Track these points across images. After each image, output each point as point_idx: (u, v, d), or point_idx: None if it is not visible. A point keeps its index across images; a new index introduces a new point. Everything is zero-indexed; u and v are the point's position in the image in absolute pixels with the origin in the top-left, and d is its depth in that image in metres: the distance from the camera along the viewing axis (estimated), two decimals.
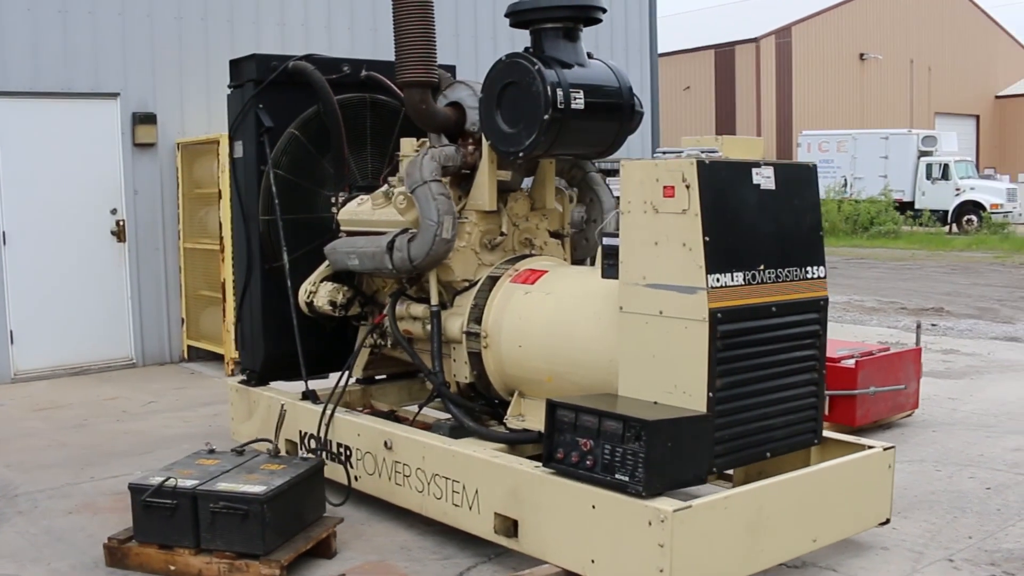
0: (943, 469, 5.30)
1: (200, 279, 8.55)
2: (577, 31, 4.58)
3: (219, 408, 6.89)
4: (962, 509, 4.67)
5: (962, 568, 3.99)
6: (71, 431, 6.37)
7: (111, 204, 8.39)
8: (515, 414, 4.56)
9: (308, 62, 5.42)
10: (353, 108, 5.55)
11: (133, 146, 8.40)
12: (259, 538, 3.85)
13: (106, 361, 8.37)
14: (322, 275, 5.30)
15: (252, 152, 5.42)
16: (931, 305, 11.82)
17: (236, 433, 5.62)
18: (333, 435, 4.83)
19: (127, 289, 8.46)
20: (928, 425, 6.21)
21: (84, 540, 4.41)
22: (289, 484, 4.01)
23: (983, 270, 16.23)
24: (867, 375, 5.86)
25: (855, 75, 38.27)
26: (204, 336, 8.57)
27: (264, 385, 5.53)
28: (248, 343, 5.59)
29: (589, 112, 4.46)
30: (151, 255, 8.55)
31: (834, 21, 37.58)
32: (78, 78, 8.18)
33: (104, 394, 7.44)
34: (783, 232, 3.89)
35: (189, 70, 8.67)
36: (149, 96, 8.48)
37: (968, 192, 25.78)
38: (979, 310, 11.43)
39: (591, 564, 3.59)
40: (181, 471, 4.12)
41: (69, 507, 4.86)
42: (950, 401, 6.85)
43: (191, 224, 8.59)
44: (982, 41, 43.08)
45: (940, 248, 20.75)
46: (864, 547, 4.19)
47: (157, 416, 6.74)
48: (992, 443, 5.79)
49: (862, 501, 4.08)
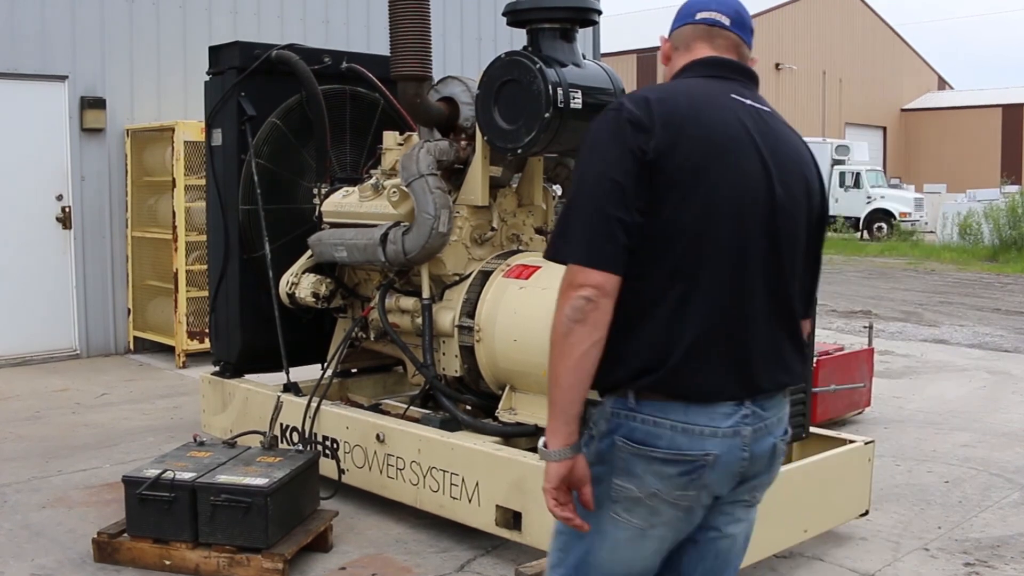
0: (902, 464, 5.55)
1: (148, 268, 8.35)
2: (573, 32, 4.65)
3: (177, 400, 6.76)
4: (927, 501, 4.91)
5: (938, 556, 4.20)
6: (25, 423, 6.16)
7: (57, 190, 8.13)
8: (506, 408, 4.60)
9: (291, 52, 5.36)
10: (333, 100, 5.51)
11: (81, 131, 8.15)
12: (262, 531, 3.81)
13: (49, 351, 8.10)
14: (304, 266, 5.25)
15: (232, 140, 5.33)
16: (859, 308, 12.29)
17: (207, 426, 5.53)
18: (319, 428, 4.80)
19: (72, 278, 8.21)
20: (879, 422, 6.49)
21: (65, 535, 4.29)
22: (290, 476, 3.98)
23: (899, 275, 16.92)
24: (827, 374, 6.09)
25: (771, 84, 39.38)
26: (151, 327, 8.37)
27: (239, 377, 5.45)
28: (223, 334, 5.50)
29: (586, 112, 4.53)
30: (97, 243, 8.31)
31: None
32: (25, 59, 7.90)
33: (52, 385, 7.21)
34: None
35: (140, 55, 8.45)
36: (98, 80, 8.23)
37: (879, 200, 26.82)
38: (904, 313, 11.93)
39: None
40: (175, 463, 4.05)
41: (41, 501, 4.72)
42: (895, 399, 7.16)
43: (139, 212, 8.37)
44: (890, 56, 44.87)
45: (855, 254, 21.53)
46: (845, 538, 4.37)
47: (113, 408, 6.56)
48: (942, 439, 6.09)
49: (845, 493, 4.27)
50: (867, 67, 43.16)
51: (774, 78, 39.38)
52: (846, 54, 42.04)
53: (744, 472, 2.14)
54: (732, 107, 2.17)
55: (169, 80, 8.58)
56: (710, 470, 2.08)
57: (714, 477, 2.10)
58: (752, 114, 2.19)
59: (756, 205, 2.11)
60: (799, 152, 2.25)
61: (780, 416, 2.22)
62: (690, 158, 2.05)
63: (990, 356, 9.05)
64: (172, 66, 8.59)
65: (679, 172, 2.04)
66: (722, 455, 2.08)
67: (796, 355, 2.22)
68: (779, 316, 2.17)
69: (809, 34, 40.44)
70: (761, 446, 2.15)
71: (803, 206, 2.21)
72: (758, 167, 2.12)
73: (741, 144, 2.12)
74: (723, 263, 2.07)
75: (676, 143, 2.04)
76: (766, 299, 2.13)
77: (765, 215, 2.12)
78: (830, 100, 40.95)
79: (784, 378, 2.19)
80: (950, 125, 44.68)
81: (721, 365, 2.08)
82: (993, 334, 10.32)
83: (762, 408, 2.14)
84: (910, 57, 46.80)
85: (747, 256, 2.09)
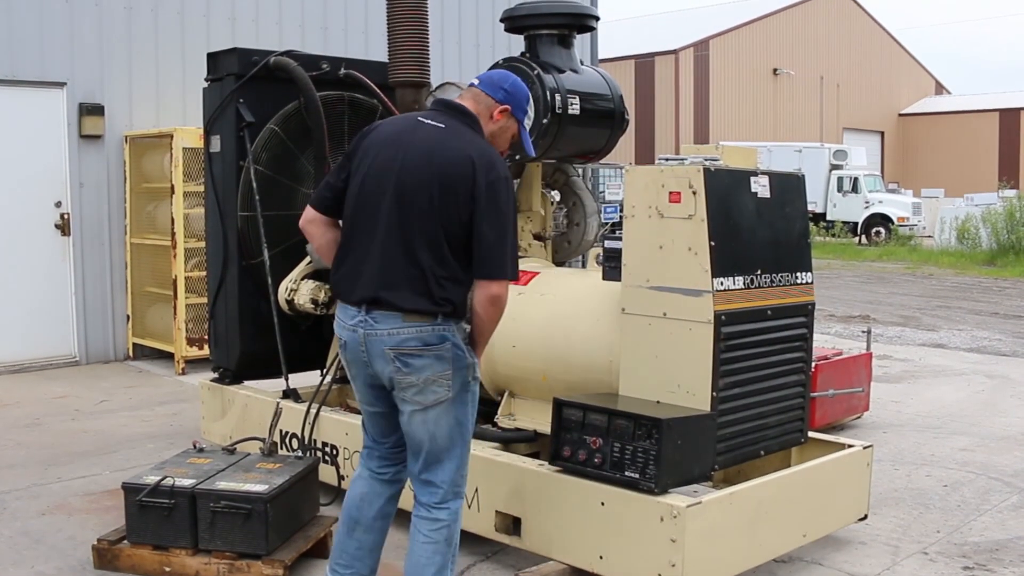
0: (900, 468, 5.56)
1: (147, 275, 8.35)
2: (571, 38, 4.68)
3: (177, 407, 6.76)
4: (926, 505, 4.91)
5: (937, 560, 4.21)
6: (25, 430, 6.16)
7: (56, 197, 8.13)
8: (505, 413, 4.61)
9: (289, 58, 5.37)
10: (331, 106, 5.52)
11: (80, 138, 8.16)
12: (262, 538, 3.81)
13: (48, 358, 8.10)
14: (303, 273, 5.25)
15: (230, 147, 5.34)
16: (857, 313, 12.30)
17: (207, 432, 5.53)
18: (318, 434, 4.80)
19: (71, 284, 8.21)
20: (878, 427, 6.49)
21: (64, 542, 4.29)
22: (290, 483, 3.98)
23: (897, 280, 16.94)
24: (825, 378, 6.09)
25: (769, 89, 39.47)
26: (150, 333, 8.37)
27: (239, 383, 5.45)
28: (222, 341, 5.50)
29: (584, 117, 4.56)
30: (96, 250, 8.31)
31: (750, 36, 38.69)
32: (23, 66, 7.91)
33: (52, 392, 7.21)
34: (776, 238, 4.04)
35: (138, 62, 8.46)
36: (97, 87, 8.24)
37: (877, 205, 26.83)
38: (903, 318, 11.95)
39: (599, 560, 3.67)
40: (175, 470, 4.05)
41: (41, 508, 4.71)
42: (894, 404, 7.17)
43: (138, 219, 8.38)
44: (887, 61, 44.97)
45: (853, 259, 21.56)
46: (843, 542, 4.38)
47: (113, 415, 6.56)
48: (940, 443, 6.09)
49: (844, 497, 4.27)
50: (865, 72, 43.26)
51: (772, 83, 39.47)
52: (844, 59, 42.13)
53: (367, 363, 3.21)
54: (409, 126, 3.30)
55: (167, 87, 8.59)
56: (344, 350, 3.27)
57: (348, 356, 3.27)
58: (419, 128, 3.27)
59: (388, 178, 3.18)
60: (432, 148, 3.18)
61: (392, 330, 3.14)
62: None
63: (988, 360, 9.06)
64: (170, 73, 8.60)
65: None
66: (348, 342, 3.24)
67: (409, 285, 3.11)
68: (397, 251, 3.13)
69: (807, 39, 40.54)
70: (374, 347, 3.16)
71: (426, 183, 3.12)
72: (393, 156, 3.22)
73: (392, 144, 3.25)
74: (360, 216, 3.23)
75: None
76: (384, 238, 3.15)
77: (393, 185, 3.17)
78: (828, 105, 41.02)
79: (387, 296, 3.12)
80: (948, 130, 44.76)
81: (348, 278, 3.22)
82: (991, 338, 10.33)
83: (374, 319, 3.15)
84: (908, 62, 46.90)
85: (378, 211, 3.18)
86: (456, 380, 3.20)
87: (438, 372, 3.16)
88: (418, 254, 3.12)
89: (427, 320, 3.13)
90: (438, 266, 3.13)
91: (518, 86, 3.41)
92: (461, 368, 3.21)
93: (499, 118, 3.34)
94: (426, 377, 3.15)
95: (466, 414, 3.27)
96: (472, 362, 3.25)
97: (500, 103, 3.34)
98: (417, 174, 3.15)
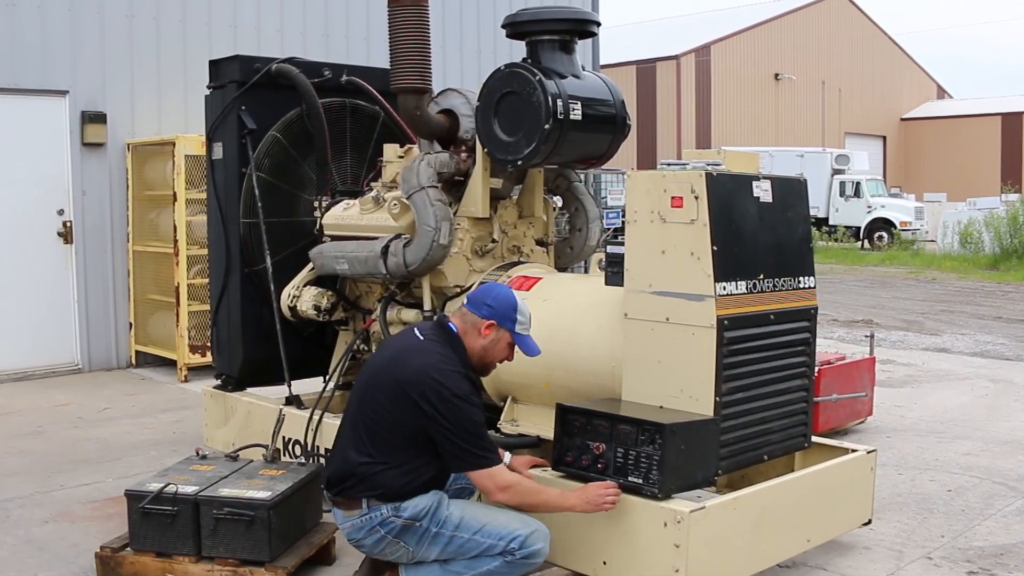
0: (904, 473, 5.55)
1: (149, 282, 8.36)
2: (573, 44, 4.67)
3: (180, 414, 6.76)
4: (930, 510, 4.90)
5: (941, 565, 4.20)
6: (27, 438, 6.16)
7: (58, 205, 8.15)
8: (508, 419, 4.60)
9: (291, 65, 5.39)
10: (333, 113, 5.53)
11: (82, 145, 8.17)
12: (265, 544, 3.80)
13: (51, 366, 8.10)
14: (305, 279, 5.27)
15: (233, 154, 5.36)
16: (860, 317, 12.29)
17: (210, 439, 5.53)
18: (321, 441, 4.80)
19: (73, 292, 8.22)
20: (881, 431, 6.48)
21: (68, 550, 4.28)
22: (293, 489, 3.97)
23: (900, 284, 16.92)
24: (828, 383, 6.08)
25: (770, 94, 39.47)
26: (153, 341, 8.37)
27: (241, 390, 5.46)
28: (225, 347, 5.51)
29: (586, 123, 4.55)
30: (99, 257, 8.32)
31: (751, 41, 38.71)
32: (25, 74, 7.92)
33: (54, 400, 7.21)
34: (779, 243, 4.04)
35: (140, 70, 8.48)
36: (99, 95, 8.26)
37: (879, 210, 26.84)
38: (906, 322, 11.93)
39: (603, 566, 3.66)
40: (178, 477, 4.04)
41: (44, 516, 4.71)
42: (897, 408, 7.15)
43: (141, 226, 8.39)
44: (889, 66, 44.95)
45: (856, 263, 21.54)
46: (847, 547, 4.36)
47: (115, 423, 6.56)
48: (944, 448, 6.08)
49: (848, 502, 4.26)
50: (866, 77, 43.25)
51: (773, 88, 39.48)
52: (845, 64, 42.14)
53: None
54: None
55: (170, 94, 8.60)
56: None
57: None
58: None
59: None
60: (391, 363, 3.50)
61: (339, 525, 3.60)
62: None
63: (992, 364, 9.04)
64: (172, 80, 8.62)
65: None
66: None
67: (347, 468, 3.45)
68: (349, 439, 3.51)
69: (808, 44, 40.55)
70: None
71: (383, 392, 3.42)
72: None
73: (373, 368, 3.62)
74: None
75: None
76: (348, 428, 3.53)
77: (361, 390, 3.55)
78: (830, 110, 41.02)
79: (332, 479, 3.51)
80: (950, 134, 44.73)
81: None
82: (995, 342, 10.32)
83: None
84: (909, 66, 46.89)
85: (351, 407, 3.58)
86: (408, 540, 3.44)
87: (382, 546, 3.47)
88: (357, 432, 3.51)
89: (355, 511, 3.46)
90: (367, 444, 3.47)
91: (501, 298, 3.56)
92: (398, 531, 3.42)
93: (487, 333, 3.54)
94: (380, 550, 3.50)
95: (441, 535, 3.44)
96: (407, 519, 3.41)
97: (484, 319, 3.53)
98: (380, 384, 3.48)
